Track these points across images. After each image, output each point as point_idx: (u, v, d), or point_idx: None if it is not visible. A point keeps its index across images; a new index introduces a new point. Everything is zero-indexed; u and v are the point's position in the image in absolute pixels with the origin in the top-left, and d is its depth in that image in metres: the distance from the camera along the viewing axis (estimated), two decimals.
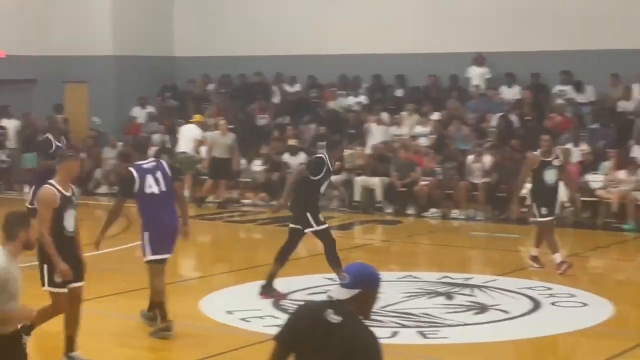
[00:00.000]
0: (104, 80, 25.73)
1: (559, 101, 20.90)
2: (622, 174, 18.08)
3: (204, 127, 21.94)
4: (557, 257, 13.43)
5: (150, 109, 25.23)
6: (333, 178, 15.28)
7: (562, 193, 18.06)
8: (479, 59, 22.46)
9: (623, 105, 20.64)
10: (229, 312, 11.07)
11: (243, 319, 10.69)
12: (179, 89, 25.98)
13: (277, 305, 11.36)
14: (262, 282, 11.91)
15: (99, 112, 25.73)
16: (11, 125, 23.73)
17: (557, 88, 21.52)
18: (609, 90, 21.13)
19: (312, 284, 12.62)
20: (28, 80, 25.49)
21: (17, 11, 25.06)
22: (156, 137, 23.42)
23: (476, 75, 22.47)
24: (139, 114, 25.21)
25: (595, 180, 18.65)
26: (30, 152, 23.86)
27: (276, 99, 24.78)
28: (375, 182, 20.13)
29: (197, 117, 22.10)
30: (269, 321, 10.55)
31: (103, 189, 23.40)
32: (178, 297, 12.15)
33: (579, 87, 21.27)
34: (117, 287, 12.50)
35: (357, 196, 20.36)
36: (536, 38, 22.00)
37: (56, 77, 25.85)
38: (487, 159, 19.59)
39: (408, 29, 23.33)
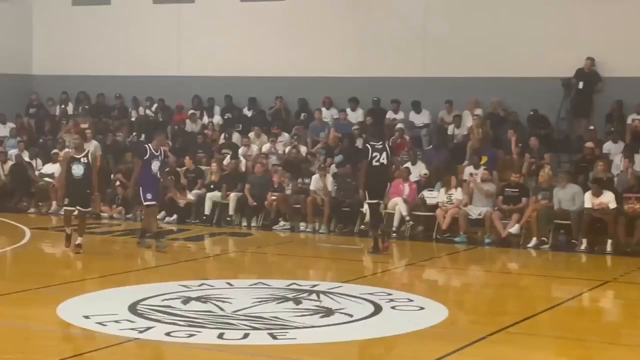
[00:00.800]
0: None
1: (398, 126, 21.27)
2: (458, 192, 18.57)
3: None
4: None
5: (11, 125, 24.51)
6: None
7: (402, 208, 18.60)
8: (327, 103, 22.70)
9: (454, 130, 21.23)
10: (86, 317, 10.80)
11: (99, 323, 10.43)
12: (42, 107, 25.36)
13: (133, 310, 11.16)
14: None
15: None
16: None
17: (390, 115, 21.93)
18: (443, 115, 21.73)
19: (167, 290, 12.45)
20: None
21: None
22: (13, 152, 22.83)
23: (326, 115, 22.68)
24: None
25: (431, 197, 19.10)
26: None
27: (132, 118, 24.52)
28: (230, 197, 20.09)
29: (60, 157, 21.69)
30: (125, 325, 10.35)
31: None
32: (35, 304, 11.83)
33: (416, 108, 21.74)
34: None
35: (207, 210, 20.30)
36: (377, 65, 22.44)
37: None
38: (330, 179, 19.79)
39: (259, 53, 23.43)
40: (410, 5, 22.25)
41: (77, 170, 15.15)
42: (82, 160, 15.18)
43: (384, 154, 15.92)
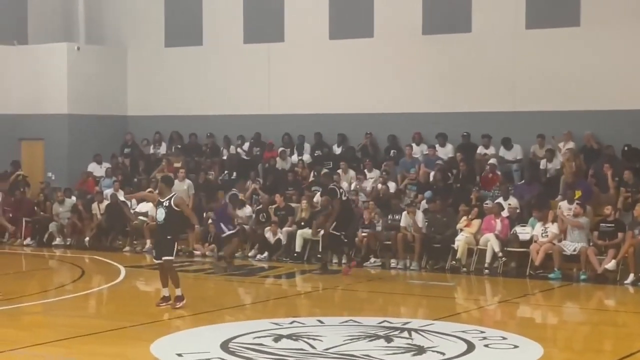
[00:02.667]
0: (59, 138, 25.51)
1: (490, 162, 21.05)
2: (554, 227, 18.25)
3: None
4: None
5: (107, 165, 25.04)
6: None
7: (494, 244, 18.37)
8: (417, 138, 22.65)
9: (547, 165, 20.92)
10: (179, 355, 10.89)
11: None
12: (136, 147, 25.86)
13: (225, 348, 11.22)
14: None
15: (54, 168, 25.52)
16: None
17: (480, 150, 21.74)
18: (535, 149, 21.44)
19: (258, 327, 12.49)
20: None
21: None
22: (108, 192, 23.30)
23: (415, 150, 22.61)
24: (96, 169, 25.01)
25: (523, 232, 18.81)
26: None
27: (224, 157, 24.80)
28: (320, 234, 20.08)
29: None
30: None
31: (57, 241, 23.14)
32: (129, 341, 11.98)
33: (506, 144, 21.52)
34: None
35: (297, 247, 20.35)
36: (466, 100, 22.30)
37: (13, 134, 25.60)
38: (420, 215, 19.66)
39: (348, 90, 23.54)
40: (499, 40, 22.09)
41: (159, 214, 14.06)
42: (164, 203, 13.95)
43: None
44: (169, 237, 13.99)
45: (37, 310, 14.65)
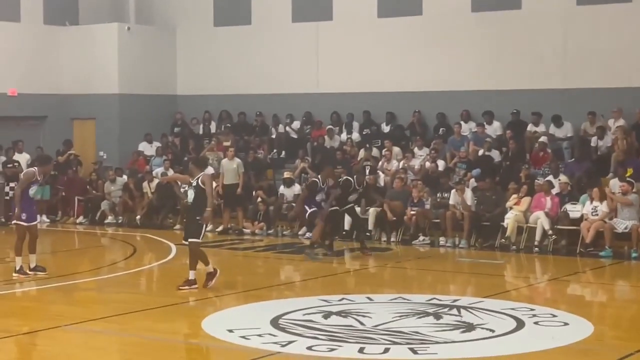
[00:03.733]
0: (110, 117, 25.78)
1: (540, 140, 20.90)
2: (604, 205, 18.10)
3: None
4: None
5: (157, 144, 25.27)
6: None
7: (544, 222, 18.27)
8: (464, 116, 22.54)
9: (597, 142, 20.71)
10: (230, 331, 11.01)
11: (243, 337, 10.63)
12: (186, 126, 26.06)
13: (275, 324, 11.33)
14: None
15: (105, 147, 25.81)
16: (23, 159, 23.65)
17: (530, 128, 21.57)
18: (586, 126, 21.24)
19: (308, 304, 12.57)
20: (38, 117, 25.54)
21: (29, 52, 25.16)
22: (159, 170, 23.51)
23: (464, 128, 22.51)
24: (146, 148, 25.24)
25: (574, 210, 18.69)
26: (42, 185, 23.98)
27: (273, 135, 24.89)
28: (369, 211, 20.13)
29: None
30: (267, 339, 10.52)
31: (110, 219, 23.42)
32: (181, 317, 12.15)
33: (557, 122, 21.33)
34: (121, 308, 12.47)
35: (346, 225, 20.37)
36: (515, 77, 22.13)
37: (65, 114, 25.91)
38: (469, 193, 19.61)
39: (397, 68, 23.46)
40: (549, 16, 21.88)
41: (190, 196, 13.88)
42: (193, 184, 13.65)
43: None
44: (197, 218, 13.58)
45: (91, 287, 14.87)
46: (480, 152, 21.39)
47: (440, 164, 21.38)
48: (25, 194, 14.86)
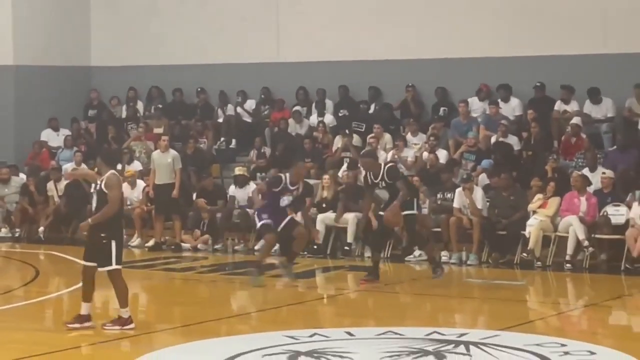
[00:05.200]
0: (3, 97, 25.66)
1: (572, 122, 20.99)
2: None
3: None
4: None
5: (65, 132, 25.18)
6: None
7: (578, 229, 18.37)
8: (485, 91, 22.63)
9: None
10: None
11: None
12: (104, 107, 26.01)
13: None
14: None
15: None
16: None
17: (559, 107, 21.68)
18: (632, 104, 21.35)
19: (269, 342, 12.61)
20: None
21: None
22: (68, 166, 23.41)
23: (478, 107, 22.61)
24: (51, 138, 25.15)
25: (617, 214, 18.82)
26: None
27: (219, 119, 24.90)
28: (348, 219, 20.20)
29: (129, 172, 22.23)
30: None
31: (3, 233, 23.33)
32: (114, 358, 12.13)
33: (594, 97, 21.39)
34: None
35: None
36: (540, 40, 22.23)
37: None
38: (479, 192, 19.72)
39: (384, 31, 23.50)
40: None
41: (93, 202, 13.25)
42: (96, 187, 13.14)
43: None
44: (102, 235, 12.97)
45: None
46: (494, 139, 21.49)
47: (442, 154, 21.48)
48: None
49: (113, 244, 12.98)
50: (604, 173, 19.42)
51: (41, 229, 22.92)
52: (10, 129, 25.73)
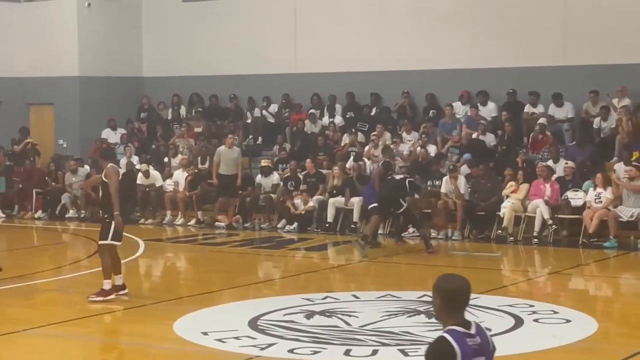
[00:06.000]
0: (70, 102, 25.69)
1: (539, 122, 20.93)
2: (607, 192, 18.17)
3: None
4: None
5: (122, 131, 25.21)
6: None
7: (544, 210, 18.35)
8: (465, 97, 22.55)
9: (601, 124, 20.79)
10: (204, 334, 11.03)
11: (219, 340, 10.64)
12: (153, 111, 26.00)
13: (253, 325, 11.35)
14: None
15: (65, 135, 25.73)
16: None
17: (528, 109, 21.63)
18: (588, 107, 21.29)
19: (289, 304, 12.60)
20: None
21: None
22: (124, 160, 23.41)
23: (461, 110, 22.53)
24: (110, 135, 25.18)
25: (575, 197, 18.78)
26: None
27: (248, 120, 24.89)
28: (354, 202, 20.19)
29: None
30: (245, 341, 10.53)
31: (71, 214, 23.34)
32: (151, 320, 12.15)
33: (557, 101, 21.37)
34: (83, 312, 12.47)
35: (329, 217, 20.43)
36: (511, 54, 22.18)
37: (20, 99, 25.83)
38: (462, 180, 19.70)
39: (383, 46, 23.45)
40: None
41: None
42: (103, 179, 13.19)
43: None
44: (105, 216, 13.05)
45: (51, 287, 14.86)
46: (474, 136, 21.46)
47: (431, 149, 21.44)
48: None
49: (113, 224, 12.95)
50: (567, 163, 19.37)
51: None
52: (77, 129, 25.76)
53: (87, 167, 23.88)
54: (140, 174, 22.42)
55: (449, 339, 5.04)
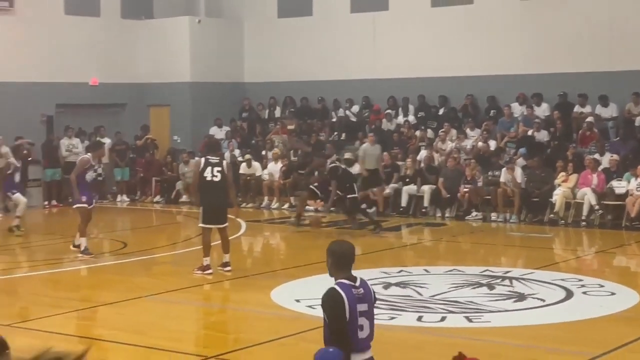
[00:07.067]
0: (183, 104, 25.98)
1: (587, 120, 20.53)
2: None
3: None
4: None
5: (226, 128, 25.42)
6: None
7: (591, 197, 18.02)
8: (521, 98, 22.19)
9: None
10: (297, 301, 11.09)
11: (309, 306, 10.68)
12: (253, 111, 26.16)
13: None
14: None
15: (179, 132, 26.04)
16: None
17: (577, 109, 21.21)
18: (630, 107, 20.84)
19: (369, 276, 12.58)
20: (118, 104, 25.84)
21: (108, 44, 25.44)
22: (226, 154, 23.59)
23: (518, 110, 22.18)
24: (217, 132, 25.38)
25: (619, 186, 18.41)
26: (122, 167, 24.33)
27: (333, 119, 24.88)
28: (424, 189, 20.08)
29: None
30: None
31: (184, 198, 23.61)
32: (252, 289, 12.24)
33: (603, 102, 20.94)
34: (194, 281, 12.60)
35: (403, 202, 20.33)
36: (563, 60, 21.79)
37: (142, 101, 26.18)
38: (519, 171, 19.44)
39: (450, 54, 23.24)
40: (595, 0, 21.48)
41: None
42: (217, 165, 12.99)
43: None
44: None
45: (168, 260, 15.06)
46: (530, 133, 21.13)
47: (492, 144, 21.19)
48: (81, 178, 14.36)
49: (201, 209, 13.06)
50: (612, 156, 19.00)
51: None
52: (188, 126, 26.01)
53: (197, 158, 24.03)
54: (243, 164, 22.58)
55: (337, 289, 5.59)
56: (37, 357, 2.75)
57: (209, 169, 12.81)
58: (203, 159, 13.07)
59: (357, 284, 5.67)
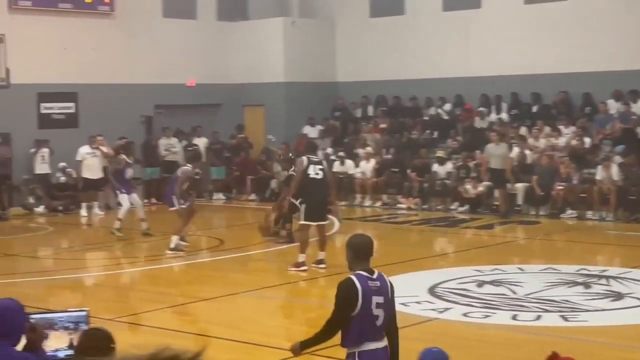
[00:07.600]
0: (277, 103, 26.16)
1: None
2: None
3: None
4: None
5: (319, 127, 25.49)
6: None
7: None
8: (615, 95, 21.65)
9: None
10: None
11: (403, 304, 10.58)
12: (346, 110, 26.18)
13: (432, 292, 11.27)
14: None
15: (273, 131, 26.22)
16: (201, 142, 24.34)
17: None
18: None
19: (462, 274, 12.45)
20: (214, 104, 26.17)
21: (205, 46, 25.80)
22: (319, 153, 23.60)
23: (614, 107, 21.61)
24: (310, 131, 25.49)
25: None
26: (218, 166, 24.64)
27: (425, 117, 24.71)
28: (518, 187, 19.76)
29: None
30: (425, 306, 10.51)
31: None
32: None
33: None
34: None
35: (496, 201, 20.04)
36: None
37: (237, 101, 26.46)
38: (615, 168, 18.94)
39: (543, 51, 22.82)
40: None
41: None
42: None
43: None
44: (297, 201, 13.68)
45: (262, 257, 15.17)
46: (626, 130, 20.56)
47: (587, 141, 20.71)
48: (179, 187, 15.09)
49: (303, 207, 13.16)
50: None
51: None
52: (282, 125, 26.15)
53: (302, 157, 24.06)
54: (336, 163, 22.61)
55: (353, 279, 5.76)
56: (155, 354, 2.77)
57: (312, 167, 13.00)
58: (305, 158, 13.21)
59: (374, 276, 5.81)
